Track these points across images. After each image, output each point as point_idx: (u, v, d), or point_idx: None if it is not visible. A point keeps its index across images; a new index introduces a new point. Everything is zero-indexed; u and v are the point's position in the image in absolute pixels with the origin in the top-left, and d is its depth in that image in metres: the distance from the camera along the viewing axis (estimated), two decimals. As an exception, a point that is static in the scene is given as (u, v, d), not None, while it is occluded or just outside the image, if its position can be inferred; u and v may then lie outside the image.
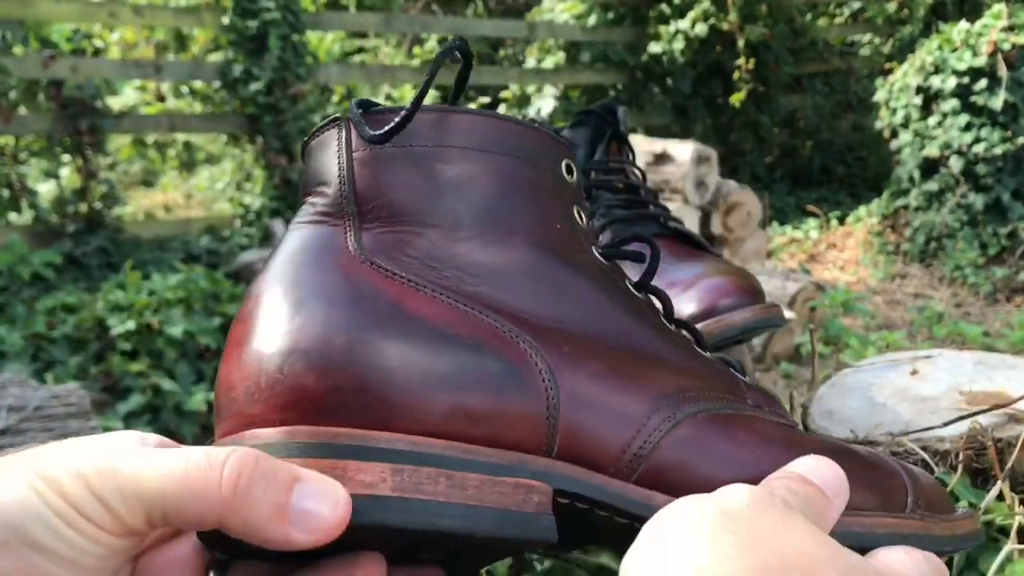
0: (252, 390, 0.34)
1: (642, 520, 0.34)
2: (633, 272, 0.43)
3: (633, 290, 0.42)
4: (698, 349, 0.42)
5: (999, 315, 3.08)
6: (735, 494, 0.32)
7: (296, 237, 0.37)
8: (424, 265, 0.36)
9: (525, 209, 0.39)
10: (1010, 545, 0.47)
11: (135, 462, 0.30)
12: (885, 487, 0.40)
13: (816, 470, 0.36)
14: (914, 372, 0.68)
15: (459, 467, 0.33)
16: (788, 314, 2.44)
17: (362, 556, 0.35)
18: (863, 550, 0.36)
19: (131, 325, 2.46)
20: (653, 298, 0.43)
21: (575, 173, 0.42)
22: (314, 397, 0.33)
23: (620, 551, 0.35)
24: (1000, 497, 0.51)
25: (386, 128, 0.37)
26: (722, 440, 0.38)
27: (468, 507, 0.32)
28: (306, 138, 0.40)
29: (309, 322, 0.34)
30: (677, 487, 0.36)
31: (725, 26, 4.80)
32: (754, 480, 0.36)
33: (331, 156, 0.38)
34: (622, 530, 0.35)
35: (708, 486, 0.35)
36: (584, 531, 0.39)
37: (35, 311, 2.73)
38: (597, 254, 0.41)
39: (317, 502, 0.30)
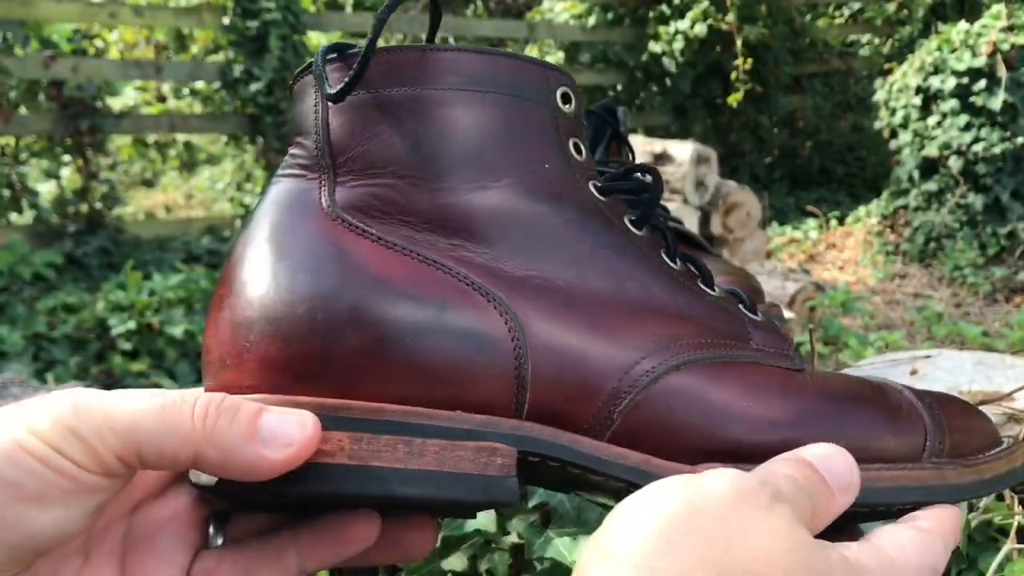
0: (225, 356, 0.35)
1: (616, 478, 0.34)
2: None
3: (632, 227, 0.39)
4: (703, 287, 0.40)
5: (998, 315, 3.08)
6: (715, 484, 0.30)
7: (275, 192, 0.37)
8: (398, 220, 0.36)
9: (508, 152, 0.37)
10: (1009, 545, 0.47)
11: (111, 399, 0.31)
12: (897, 433, 0.37)
13: (827, 460, 0.34)
14: (913, 372, 0.68)
15: (419, 433, 0.33)
16: (788, 314, 2.44)
17: (358, 513, 0.36)
18: (868, 507, 0.35)
19: (132, 325, 2.46)
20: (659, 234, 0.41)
21: (573, 101, 0.39)
22: (279, 366, 0.33)
23: (606, 497, 0.34)
24: (1000, 497, 0.51)
25: (339, 88, 0.36)
26: (708, 393, 0.36)
27: (426, 473, 0.32)
28: (292, 80, 0.39)
29: (274, 290, 0.34)
30: (655, 443, 0.36)
31: (724, 26, 4.79)
32: (740, 436, 0.35)
33: (309, 106, 0.38)
34: (598, 484, 0.35)
35: (688, 442, 0.35)
36: (564, 482, 0.38)
37: (36, 311, 2.73)
38: (594, 190, 0.39)
39: (284, 423, 0.31)
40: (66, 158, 4.02)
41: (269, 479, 0.31)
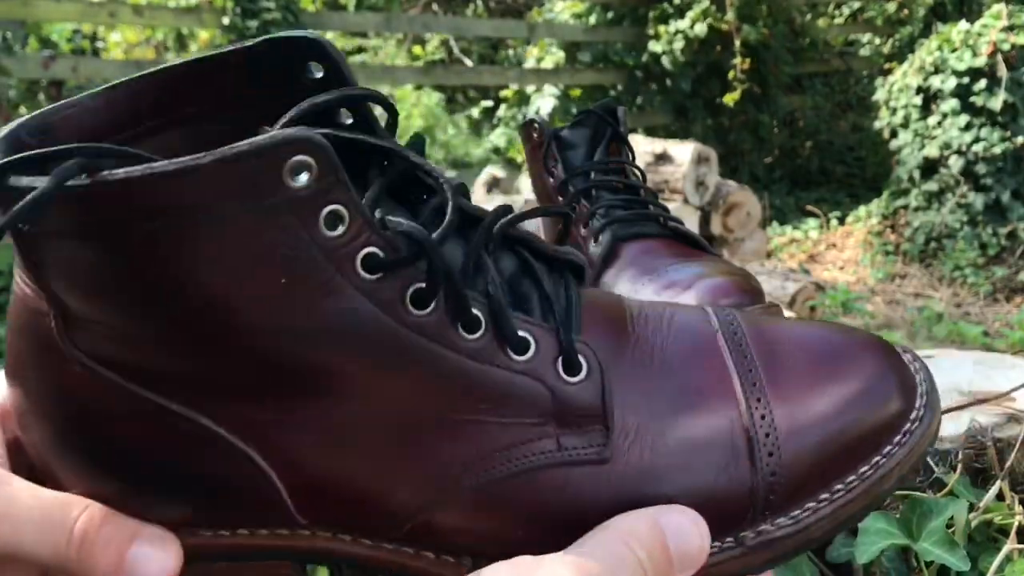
0: None
1: None
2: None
3: (413, 308, 0.31)
4: (511, 355, 0.32)
5: (999, 315, 3.08)
6: None
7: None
8: (129, 368, 0.31)
9: (213, 280, 0.28)
10: (1009, 545, 0.47)
11: (9, 496, 0.32)
12: (708, 533, 0.32)
13: (677, 530, 0.31)
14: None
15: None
16: (788, 314, 2.44)
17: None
18: None
19: (131, 325, 2.46)
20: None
21: (314, 167, 0.28)
22: None
23: None
24: (1000, 497, 0.51)
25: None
26: (473, 525, 0.32)
27: None
28: None
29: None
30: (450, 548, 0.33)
31: (724, 26, 4.79)
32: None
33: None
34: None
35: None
36: None
37: (35, 311, 2.73)
38: (360, 271, 0.30)
39: (149, 559, 0.33)
40: (66, 158, 4.01)
41: None
